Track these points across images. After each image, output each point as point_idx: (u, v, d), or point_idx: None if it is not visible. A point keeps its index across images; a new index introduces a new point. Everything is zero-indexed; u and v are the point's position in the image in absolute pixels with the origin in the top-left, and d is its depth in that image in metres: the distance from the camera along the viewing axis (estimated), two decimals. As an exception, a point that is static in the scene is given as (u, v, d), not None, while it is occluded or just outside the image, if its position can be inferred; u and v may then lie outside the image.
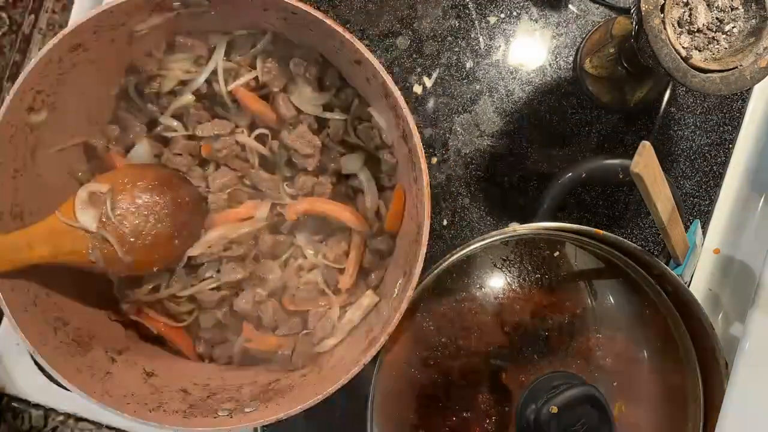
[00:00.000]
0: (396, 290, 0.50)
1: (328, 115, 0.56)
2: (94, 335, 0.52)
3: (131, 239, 0.49)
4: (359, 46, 0.46)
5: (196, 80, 0.54)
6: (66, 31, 0.45)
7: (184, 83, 0.55)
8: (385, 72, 0.46)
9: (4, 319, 0.54)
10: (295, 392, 0.50)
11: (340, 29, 0.46)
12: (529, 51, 0.65)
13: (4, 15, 0.67)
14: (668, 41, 0.47)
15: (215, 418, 0.48)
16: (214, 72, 0.54)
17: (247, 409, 0.49)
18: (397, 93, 0.46)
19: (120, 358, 0.52)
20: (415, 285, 0.46)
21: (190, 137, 0.56)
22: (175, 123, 0.56)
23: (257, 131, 0.56)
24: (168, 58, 0.54)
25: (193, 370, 0.55)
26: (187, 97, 0.55)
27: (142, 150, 0.55)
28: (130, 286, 0.55)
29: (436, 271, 0.49)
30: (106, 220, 0.48)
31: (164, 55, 0.54)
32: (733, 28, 0.48)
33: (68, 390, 0.46)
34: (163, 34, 0.52)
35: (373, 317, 0.54)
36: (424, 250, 0.46)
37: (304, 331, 0.55)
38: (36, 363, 0.64)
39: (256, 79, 0.55)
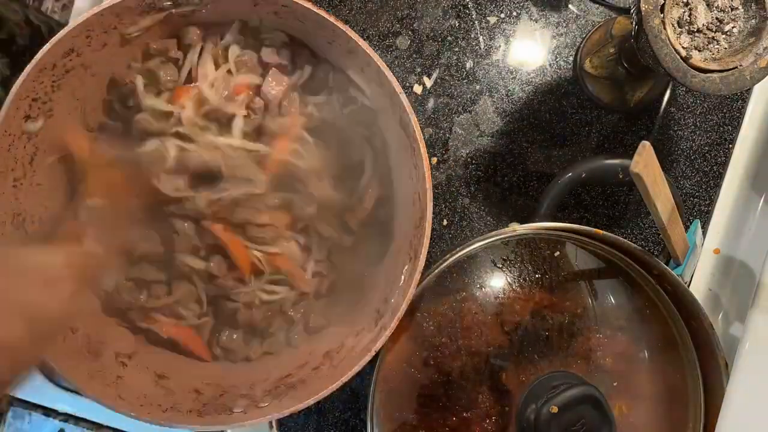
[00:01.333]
0: (395, 291, 0.50)
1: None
2: (103, 341, 0.51)
3: None
4: (352, 34, 0.46)
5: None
6: (58, 36, 0.44)
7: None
8: (378, 58, 0.46)
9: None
10: (306, 386, 0.50)
11: (331, 19, 0.45)
12: (529, 51, 0.65)
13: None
14: (668, 41, 0.47)
15: (230, 414, 0.48)
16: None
17: (261, 405, 0.49)
18: (390, 75, 0.45)
19: (130, 363, 0.52)
20: (417, 283, 0.46)
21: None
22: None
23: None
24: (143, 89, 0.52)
25: (203, 371, 0.55)
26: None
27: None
28: (131, 294, 0.54)
29: (436, 271, 0.49)
30: None
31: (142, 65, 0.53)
32: (733, 28, 0.48)
33: (69, 390, 0.45)
34: (155, 35, 0.52)
35: (381, 304, 0.53)
36: (425, 250, 0.46)
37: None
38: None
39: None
